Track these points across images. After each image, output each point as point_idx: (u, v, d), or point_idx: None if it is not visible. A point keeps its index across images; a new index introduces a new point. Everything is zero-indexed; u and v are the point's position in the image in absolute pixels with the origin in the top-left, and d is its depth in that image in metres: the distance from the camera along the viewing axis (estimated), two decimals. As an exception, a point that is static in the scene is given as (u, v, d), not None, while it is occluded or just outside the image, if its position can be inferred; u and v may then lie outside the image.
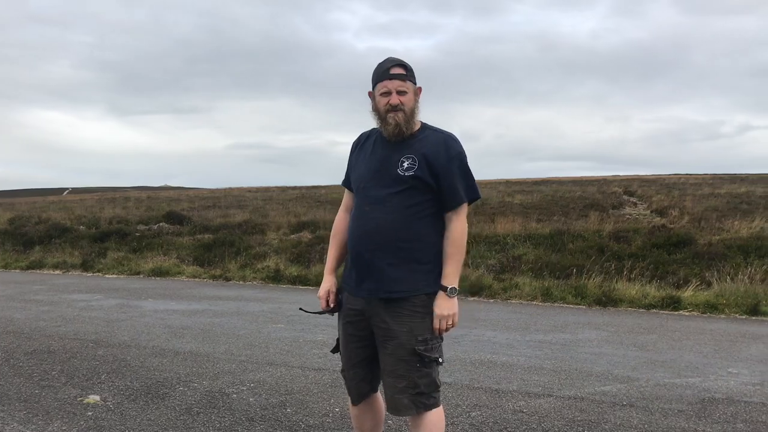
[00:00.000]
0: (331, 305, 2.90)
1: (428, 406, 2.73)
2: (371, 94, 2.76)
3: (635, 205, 24.96)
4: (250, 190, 43.62)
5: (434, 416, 2.74)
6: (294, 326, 7.27)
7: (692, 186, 32.71)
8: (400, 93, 2.67)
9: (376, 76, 2.73)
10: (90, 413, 4.07)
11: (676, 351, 6.29)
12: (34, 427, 3.82)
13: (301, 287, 11.32)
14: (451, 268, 2.72)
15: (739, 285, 9.66)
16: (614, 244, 13.46)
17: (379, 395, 2.98)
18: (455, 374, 5.16)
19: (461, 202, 2.74)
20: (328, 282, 2.91)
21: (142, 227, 20.37)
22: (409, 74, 2.71)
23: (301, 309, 3.09)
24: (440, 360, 2.75)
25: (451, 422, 3.96)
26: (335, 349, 2.96)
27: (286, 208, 26.21)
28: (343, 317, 2.87)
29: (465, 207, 2.76)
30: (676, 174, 48.30)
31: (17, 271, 14.44)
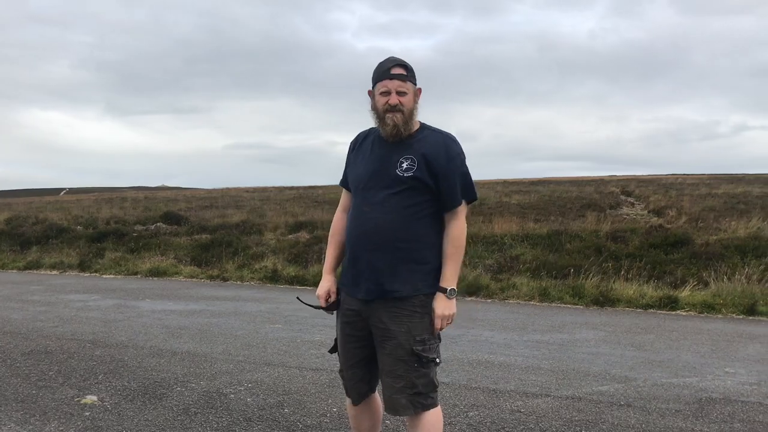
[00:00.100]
0: (331, 303, 2.90)
1: (426, 406, 2.73)
2: (371, 93, 2.75)
3: (633, 205, 25.00)
4: (248, 190, 43.61)
5: (432, 416, 2.74)
6: (292, 326, 7.27)
7: (689, 186, 32.79)
8: (399, 93, 2.67)
9: (376, 75, 2.72)
10: (87, 413, 4.07)
11: (674, 351, 6.30)
12: (31, 427, 3.81)
13: (298, 287, 11.31)
14: (450, 269, 2.72)
15: (736, 285, 9.68)
16: (612, 244, 13.48)
17: (377, 395, 2.98)
18: (453, 374, 5.16)
19: (460, 202, 2.74)
20: (328, 281, 2.91)
21: (139, 227, 20.35)
22: (409, 75, 2.70)
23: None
24: (438, 360, 2.76)
25: (449, 422, 3.96)
26: (333, 349, 2.96)
27: (284, 208, 26.21)
28: (341, 317, 2.87)
29: (464, 208, 2.77)
30: (673, 174, 48.39)
31: (14, 271, 14.41)
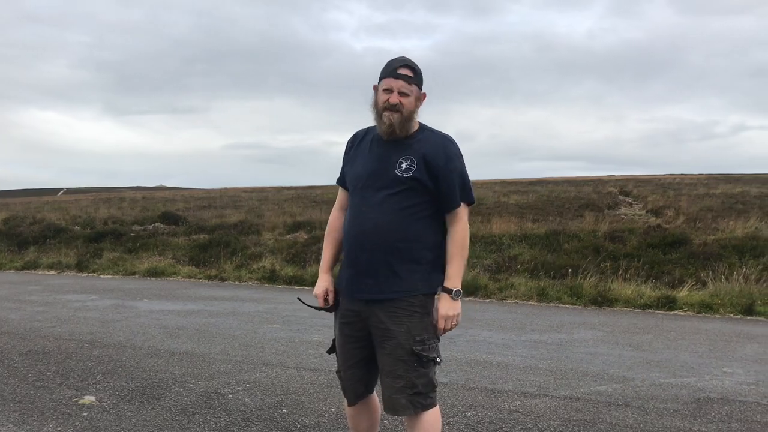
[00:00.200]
0: (330, 304, 2.89)
1: (425, 406, 2.73)
2: (376, 88, 2.76)
3: (631, 205, 25.02)
4: (246, 190, 43.59)
5: (431, 416, 2.74)
6: (290, 326, 7.26)
7: (687, 186, 32.83)
8: (401, 94, 2.67)
9: (383, 72, 2.73)
10: (85, 414, 4.06)
11: (672, 351, 6.30)
12: (29, 428, 3.80)
13: (296, 287, 11.31)
14: (454, 269, 2.72)
15: (734, 285, 9.69)
16: (610, 244, 13.48)
17: (375, 395, 2.97)
18: (451, 374, 5.16)
19: (459, 203, 2.74)
20: (325, 281, 2.90)
21: (137, 227, 20.32)
22: (416, 78, 2.71)
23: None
24: (438, 360, 2.76)
25: (447, 422, 3.96)
26: (331, 349, 2.96)
27: (282, 208, 26.20)
28: (339, 318, 2.86)
29: (465, 209, 2.77)
30: (671, 174, 48.44)
31: (12, 271, 14.40)
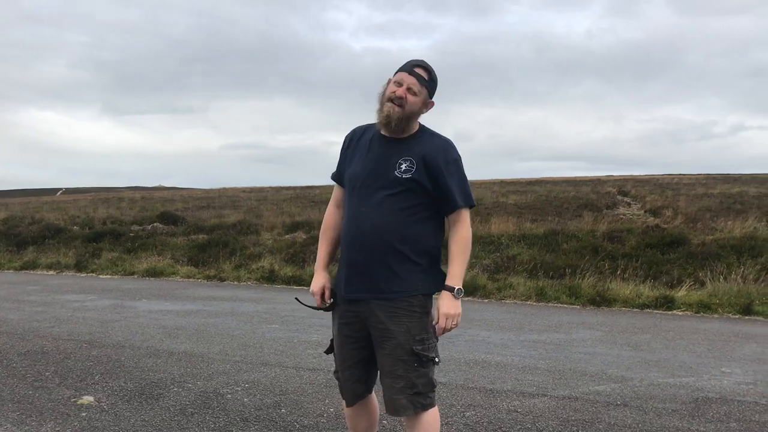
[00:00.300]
0: (327, 302, 2.89)
1: (425, 406, 2.73)
2: (389, 81, 2.77)
3: (629, 205, 25.03)
4: (245, 190, 43.57)
5: (430, 416, 2.75)
6: (289, 326, 7.26)
7: (686, 186, 32.85)
8: (410, 91, 2.69)
9: (400, 68, 2.76)
10: (84, 414, 4.06)
11: (670, 351, 6.31)
12: (27, 428, 3.80)
13: (295, 287, 11.30)
14: (456, 269, 2.72)
15: (732, 285, 9.70)
16: (608, 244, 13.49)
17: (373, 395, 2.98)
18: (450, 374, 5.16)
19: (457, 206, 2.74)
20: (322, 278, 2.89)
21: (136, 227, 20.31)
22: (429, 82, 2.73)
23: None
24: (437, 360, 2.76)
25: (446, 422, 3.96)
26: (329, 350, 2.96)
27: (281, 208, 26.19)
28: (338, 318, 2.86)
29: (467, 212, 2.77)
30: (669, 174, 48.46)
31: (11, 271, 14.38)
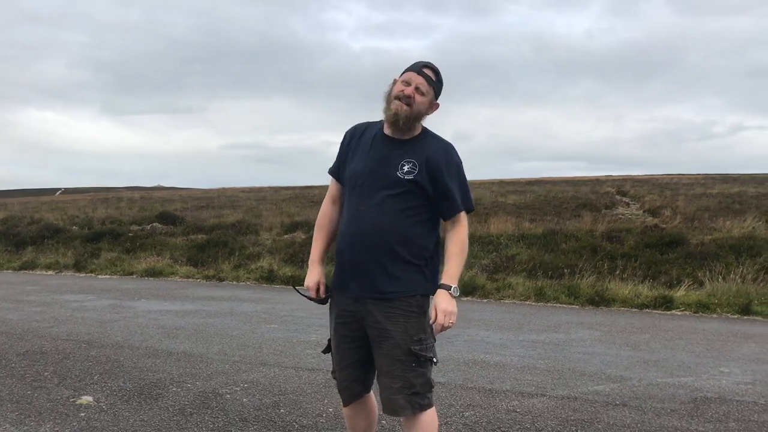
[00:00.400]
0: (322, 296, 2.88)
1: (423, 407, 2.73)
2: (395, 81, 2.78)
3: (628, 205, 25.03)
4: (243, 190, 43.54)
5: (428, 416, 2.75)
6: (287, 326, 7.26)
7: (685, 186, 32.83)
8: (418, 91, 2.70)
9: (408, 68, 2.77)
10: (83, 414, 4.06)
11: (669, 350, 6.31)
12: (26, 428, 3.80)
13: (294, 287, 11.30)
14: (453, 268, 2.73)
15: (731, 284, 9.71)
16: (607, 244, 13.49)
17: (372, 395, 2.98)
18: (448, 374, 5.16)
19: (458, 210, 2.76)
20: (317, 272, 2.88)
21: (135, 227, 20.30)
22: (436, 84, 2.75)
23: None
24: (435, 360, 2.76)
25: (445, 422, 3.97)
26: (326, 349, 2.96)
27: (280, 208, 26.18)
28: (335, 318, 2.87)
29: (465, 216, 2.79)
30: (668, 174, 48.47)
31: (10, 271, 14.37)
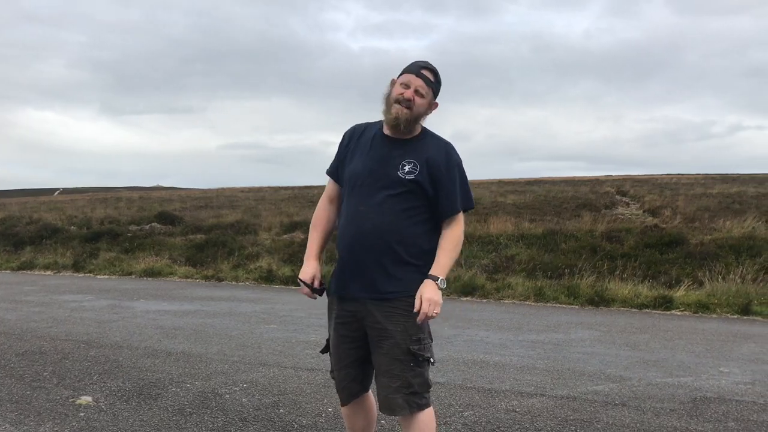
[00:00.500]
0: (317, 286, 2.85)
1: (421, 406, 2.74)
2: (393, 82, 2.78)
3: (628, 205, 25.04)
4: (243, 190, 43.54)
5: (426, 416, 2.75)
6: (287, 326, 7.26)
7: (684, 186, 32.83)
8: (417, 93, 2.70)
9: (406, 69, 2.77)
10: (82, 414, 4.05)
11: (668, 350, 6.31)
12: (25, 428, 3.79)
13: (293, 287, 11.30)
14: (443, 260, 2.72)
15: (730, 285, 9.71)
16: (607, 244, 13.50)
17: (370, 395, 2.98)
18: (448, 374, 5.16)
19: (458, 210, 2.77)
20: (312, 267, 2.87)
21: (134, 227, 20.30)
22: (435, 84, 2.76)
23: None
24: (432, 360, 2.77)
25: (444, 422, 3.96)
26: (325, 349, 2.96)
27: (279, 208, 26.18)
28: (334, 318, 2.87)
29: (462, 216, 2.80)
30: (668, 174, 48.48)
31: (8, 271, 14.37)
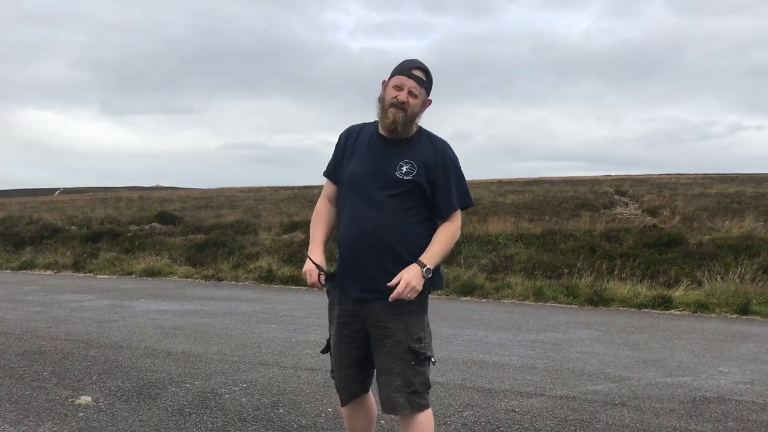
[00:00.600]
0: (322, 282, 2.83)
1: (421, 407, 2.74)
2: (385, 84, 2.78)
3: (627, 204, 25.06)
4: (243, 190, 43.55)
5: (425, 417, 2.76)
6: (286, 326, 7.26)
7: (683, 186, 32.86)
8: (410, 94, 2.71)
9: (396, 70, 2.77)
10: (81, 414, 4.06)
11: (668, 350, 6.32)
12: (25, 428, 3.80)
13: (293, 287, 11.31)
14: (434, 249, 2.71)
15: (729, 284, 9.71)
16: (606, 243, 13.50)
17: (370, 395, 2.98)
18: (447, 374, 5.17)
19: (455, 208, 2.79)
20: (321, 253, 2.85)
21: (134, 227, 20.30)
22: (427, 83, 2.76)
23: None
24: (433, 359, 2.78)
25: (444, 422, 3.97)
26: (325, 349, 2.96)
27: (279, 208, 26.19)
28: (336, 318, 2.87)
29: (459, 214, 2.81)
30: (667, 174, 48.51)
31: (8, 271, 14.37)
